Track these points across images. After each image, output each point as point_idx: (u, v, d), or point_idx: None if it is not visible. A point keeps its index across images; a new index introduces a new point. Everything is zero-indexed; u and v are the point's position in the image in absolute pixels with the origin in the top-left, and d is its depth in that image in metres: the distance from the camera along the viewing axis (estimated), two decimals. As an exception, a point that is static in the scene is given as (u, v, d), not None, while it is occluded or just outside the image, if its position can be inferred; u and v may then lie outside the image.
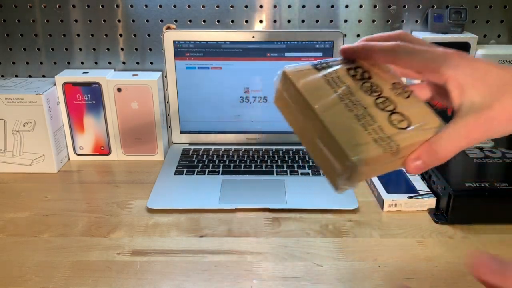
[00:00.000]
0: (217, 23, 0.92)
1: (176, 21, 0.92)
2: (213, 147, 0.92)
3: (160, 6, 0.91)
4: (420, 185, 0.76)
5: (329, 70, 0.39)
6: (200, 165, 0.86)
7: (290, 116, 0.39)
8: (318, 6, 0.91)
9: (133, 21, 0.92)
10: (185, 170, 0.84)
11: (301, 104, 0.37)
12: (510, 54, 0.87)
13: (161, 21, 0.92)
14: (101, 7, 0.91)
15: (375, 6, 0.90)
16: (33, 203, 0.76)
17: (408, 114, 0.36)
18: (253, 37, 0.87)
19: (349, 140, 0.34)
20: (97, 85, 0.86)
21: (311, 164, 0.86)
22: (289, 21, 0.92)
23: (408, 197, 0.72)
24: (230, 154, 0.90)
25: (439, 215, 0.70)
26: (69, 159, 0.92)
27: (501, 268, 0.29)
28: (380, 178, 0.77)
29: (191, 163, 0.87)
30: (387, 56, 0.37)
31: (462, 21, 0.87)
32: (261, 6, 0.91)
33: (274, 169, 0.84)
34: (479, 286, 0.54)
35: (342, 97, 0.37)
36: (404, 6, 0.90)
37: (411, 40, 0.38)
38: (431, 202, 0.72)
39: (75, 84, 0.86)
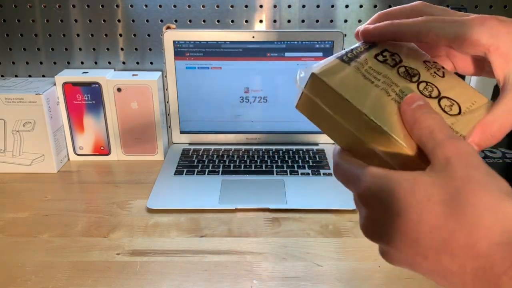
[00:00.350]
0: (217, 23, 0.92)
1: (176, 21, 0.92)
2: (213, 147, 0.92)
3: (160, 6, 0.91)
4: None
5: (358, 60, 0.34)
6: (200, 165, 0.86)
7: (323, 122, 0.34)
8: (318, 6, 0.91)
9: (133, 21, 0.92)
10: (185, 170, 0.84)
11: (341, 108, 0.32)
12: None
13: (161, 21, 0.92)
14: (101, 7, 0.91)
15: (375, 6, 0.90)
16: (33, 203, 0.76)
17: (454, 96, 0.34)
18: (253, 37, 0.87)
19: (416, 144, 0.30)
20: (97, 85, 0.86)
21: (311, 164, 0.86)
22: (289, 21, 0.92)
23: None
24: (230, 154, 0.90)
25: (439, 215, 0.70)
26: (69, 159, 0.91)
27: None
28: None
29: (191, 163, 0.87)
30: (418, 34, 0.33)
31: (462, 21, 0.87)
32: (261, 6, 0.91)
33: (274, 169, 0.84)
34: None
35: (387, 91, 0.33)
36: (404, 6, 0.90)
37: (435, 11, 0.35)
38: (431, 202, 0.72)
39: (75, 84, 0.86)
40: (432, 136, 0.29)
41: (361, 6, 0.90)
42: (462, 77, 0.88)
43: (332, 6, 0.91)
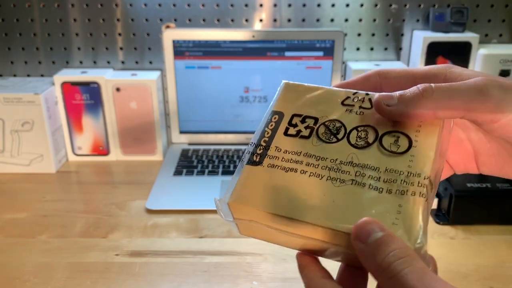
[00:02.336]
0: (216, 22, 0.91)
1: (175, 20, 0.91)
2: (212, 147, 0.92)
3: (160, 5, 0.90)
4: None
5: (270, 151, 0.28)
6: (199, 165, 0.85)
7: (275, 238, 0.29)
8: (318, 5, 0.90)
9: (132, 20, 0.91)
10: (184, 170, 0.84)
11: (284, 223, 0.27)
12: (511, 54, 0.87)
13: (160, 20, 0.91)
14: (100, 6, 0.90)
15: (376, 5, 0.89)
16: (31, 203, 0.76)
17: (395, 125, 0.27)
18: (253, 36, 0.86)
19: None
20: (95, 85, 0.86)
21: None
22: (289, 20, 0.92)
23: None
24: (230, 155, 0.89)
25: (441, 215, 0.70)
26: (67, 159, 0.91)
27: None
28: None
29: (191, 163, 0.86)
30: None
31: (463, 20, 0.87)
32: (261, 5, 0.91)
33: (274, 169, 0.83)
34: (482, 287, 0.54)
35: (318, 174, 0.27)
36: (405, 5, 0.90)
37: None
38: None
39: (73, 83, 0.86)
40: None
41: (362, 5, 0.90)
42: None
43: (333, 5, 0.90)
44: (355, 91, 0.29)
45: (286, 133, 0.29)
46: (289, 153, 0.28)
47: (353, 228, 0.24)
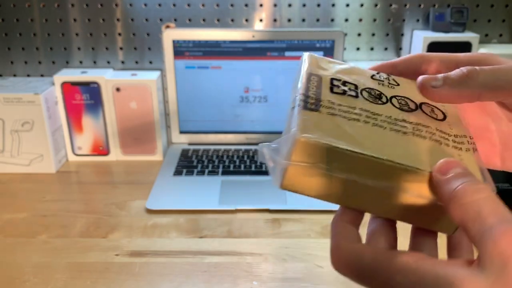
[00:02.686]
0: (216, 22, 0.91)
1: (175, 20, 0.91)
2: (212, 147, 0.92)
3: (160, 5, 0.90)
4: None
5: (323, 102, 0.28)
6: (199, 165, 0.85)
7: (324, 190, 0.29)
8: (318, 5, 0.90)
9: (132, 20, 0.91)
10: (184, 170, 0.83)
11: (351, 165, 0.25)
12: (511, 54, 0.87)
13: (160, 20, 0.91)
14: (100, 6, 0.90)
15: (376, 5, 0.89)
16: (31, 203, 0.76)
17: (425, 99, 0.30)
18: (253, 36, 0.86)
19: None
20: (95, 85, 0.86)
21: (311, 164, 0.85)
22: (289, 20, 0.92)
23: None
24: (230, 155, 0.89)
25: (441, 215, 0.70)
26: (67, 159, 0.91)
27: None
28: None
29: (191, 163, 0.86)
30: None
31: (463, 20, 0.87)
32: (261, 5, 0.91)
33: (274, 169, 0.83)
34: None
35: (379, 125, 0.27)
36: (405, 5, 0.90)
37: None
38: (433, 202, 0.71)
39: (73, 83, 0.85)
40: (479, 219, 0.22)
41: (362, 5, 0.90)
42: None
43: (333, 5, 0.90)
44: (377, 71, 0.32)
45: (332, 91, 0.29)
46: (344, 106, 0.28)
47: (438, 163, 0.25)
